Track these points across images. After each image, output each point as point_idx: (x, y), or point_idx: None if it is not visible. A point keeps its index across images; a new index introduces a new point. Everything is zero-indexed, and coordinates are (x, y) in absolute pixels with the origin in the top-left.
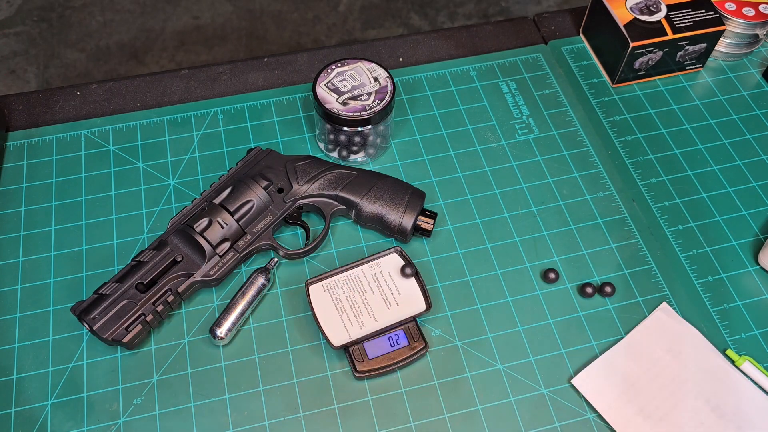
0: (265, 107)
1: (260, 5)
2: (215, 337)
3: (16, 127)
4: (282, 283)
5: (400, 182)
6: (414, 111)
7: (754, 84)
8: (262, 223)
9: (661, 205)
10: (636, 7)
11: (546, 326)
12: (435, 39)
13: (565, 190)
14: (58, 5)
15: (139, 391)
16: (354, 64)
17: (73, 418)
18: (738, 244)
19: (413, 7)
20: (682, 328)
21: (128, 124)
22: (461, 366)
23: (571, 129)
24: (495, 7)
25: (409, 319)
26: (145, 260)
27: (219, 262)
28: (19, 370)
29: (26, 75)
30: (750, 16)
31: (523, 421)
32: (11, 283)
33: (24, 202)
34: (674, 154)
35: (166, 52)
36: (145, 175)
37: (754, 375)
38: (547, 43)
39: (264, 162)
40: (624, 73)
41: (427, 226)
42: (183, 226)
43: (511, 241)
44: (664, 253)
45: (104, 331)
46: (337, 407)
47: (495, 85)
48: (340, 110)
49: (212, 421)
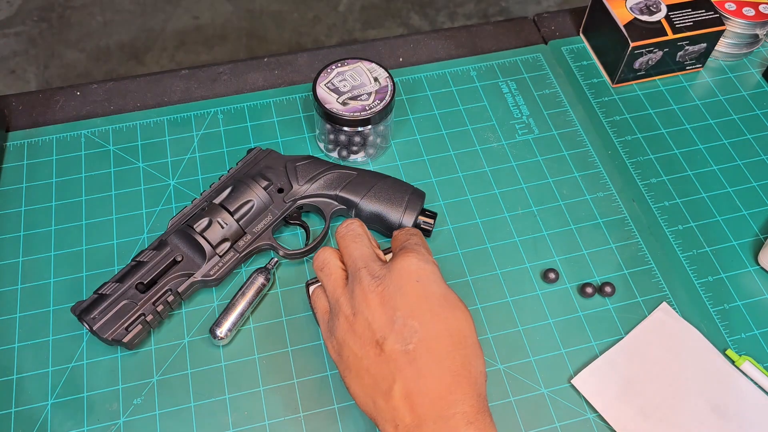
0: (265, 107)
1: (260, 5)
2: (215, 337)
3: (16, 127)
4: (282, 283)
5: (400, 182)
6: (414, 111)
7: (754, 84)
8: (262, 223)
9: (661, 205)
10: (636, 7)
11: (546, 326)
12: (435, 39)
13: (565, 190)
14: (58, 5)
15: (139, 391)
16: (354, 64)
17: (73, 418)
18: (738, 244)
19: (413, 7)
20: (682, 328)
21: (128, 124)
22: None
23: (571, 129)
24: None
25: None
26: (145, 260)
27: (219, 262)
28: (19, 370)
29: (26, 75)
30: (750, 16)
31: (523, 421)
32: (11, 283)
33: (24, 202)
34: (674, 154)
35: (166, 52)
36: (145, 175)
37: (754, 375)
38: (547, 43)
39: (264, 162)
40: (624, 73)
41: (427, 226)
42: (183, 226)
43: (511, 241)
44: (664, 253)
45: (104, 331)
46: (337, 407)
47: (495, 85)
48: (340, 110)
49: (212, 421)
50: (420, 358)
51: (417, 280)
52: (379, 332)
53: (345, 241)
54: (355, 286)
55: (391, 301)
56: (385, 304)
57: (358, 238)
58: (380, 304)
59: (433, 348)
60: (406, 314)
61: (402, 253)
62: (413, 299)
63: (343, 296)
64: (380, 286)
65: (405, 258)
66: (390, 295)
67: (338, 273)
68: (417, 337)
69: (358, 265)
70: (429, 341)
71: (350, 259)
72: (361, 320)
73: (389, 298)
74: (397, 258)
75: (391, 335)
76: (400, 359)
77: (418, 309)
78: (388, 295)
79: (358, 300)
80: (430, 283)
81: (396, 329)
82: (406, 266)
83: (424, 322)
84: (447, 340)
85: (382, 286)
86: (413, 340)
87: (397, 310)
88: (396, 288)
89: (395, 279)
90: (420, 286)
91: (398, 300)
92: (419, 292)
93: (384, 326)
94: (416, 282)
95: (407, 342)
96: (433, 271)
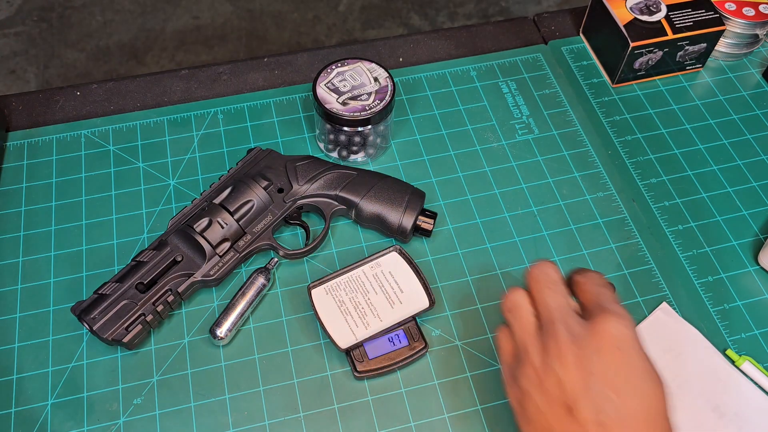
0: (265, 107)
1: (260, 5)
2: (215, 337)
3: (16, 127)
4: (282, 283)
5: (400, 182)
6: (414, 111)
7: (754, 84)
8: (262, 223)
9: (661, 205)
10: (636, 7)
11: None
12: (435, 39)
13: (565, 190)
14: (58, 5)
15: (139, 391)
16: (354, 64)
17: (73, 418)
18: (738, 244)
19: (413, 7)
20: (682, 328)
21: (128, 124)
22: (461, 366)
23: (571, 129)
24: (495, 7)
25: (411, 318)
26: (145, 260)
27: (219, 262)
28: (19, 370)
29: (26, 75)
30: (750, 16)
31: None
32: (11, 283)
33: (24, 202)
34: (674, 154)
35: (166, 52)
36: (145, 175)
37: (754, 375)
38: (547, 43)
39: (264, 162)
40: (624, 73)
41: (427, 226)
42: (183, 226)
43: (511, 241)
44: (664, 253)
45: (104, 331)
46: (337, 407)
47: (495, 85)
48: (340, 110)
49: (212, 421)
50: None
51: (618, 348)
52: (570, 394)
53: (539, 286)
54: (549, 340)
55: (588, 365)
56: (581, 367)
57: (554, 286)
58: (575, 365)
59: (628, 425)
60: (603, 382)
61: (603, 314)
62: (612, 368)
63: (533, 346)
64: (578, 346)
65: (607, 321)
66: (587, 358)
67: (529, 319)
68: (612, 410)
69: (554, 317)
70: (624, 417)
71: (545, 309)
72: (552, 377)
73: (586, 361)
74: (597, 318)
75: (584, 401)
76: (591, 428)
77: (616, 379)
78: (585, 357)
79: (551, 354)
80: (631, 353)
81: (590, 396)
82: (608, 330)
83: (622, 394)
84: (643, 417)
85: (581, 347)
86: (608, 411)
87: (593, 376)
88: (594, 351)
89: (595, 342)
90: (621, 355)
91: (596, 365)
92: (619, 361)
93: (577, 390)
94: (617, 349)
95: (600, 412)
96: (634, 338)
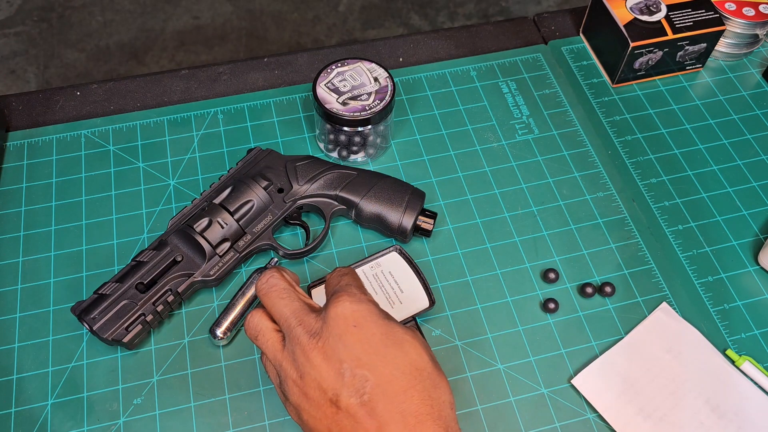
0: (265, 107)
1: (260, 5)
2: (215, 337)
3: (16, 127)
4: None
5: (400, 182)
6: (414, 111)
7: (754, 84)
8: (262, 223)
9: (661, 205)
10: (636, 7)
11: (546, 326)
12: (435, 39)
13: (565, 190)
14: (58, 5)
15: (139, 391)
16: (354, 64)
17: (73, 418)
18: (738, 244)
19: (413, 7)
20: (682, 328)
21: (128, 124)
22: (461, 366)
23: (571, 129)
24: (495, 7)
25: (411, 318)
26: (145, 260)
27: (219, 262)
28: (19, 370)
29: (26, 75)
30: (750, 16)
31: (523, 421)
32: (11, 283)
33: (24, 202)
34: (674, 154)
35: (166, 52)
36: (145, 175)
37: (754, 375)
38: (547, 43)
39: (264, 162)
40: (624, 73)
41: (427, 226)
42: (183, 226)
43: (511, 241)
44: (664, 253)
45: (104, 331)
46: None
47: (495, 85)
48: (340, 110)
49: (212, 421)
50: (378, 407)
51: (354, 325)
52: (330, 390)
53: (270, 298)
54: (295, 348)
55: (334, 355)
56: (329, 359)
57: (284, 293)
58: (324, 360)
59: (389, 392)
60: (353, 364)
61: (333, 298)
62: (356, 346)
63: (286, 360)
64: (320, 341)
65: (337, 304)
66: (332, 348)
67: (274, 337)
68: (369, 386)
69: (291, 324)
70: (383, 386)
71: (282, 318)
72: (310, 382)
73: (332, 351)
74: (329, 305)
75: (344, 390)
76: (359, 413)
77: (363, 355)
78: (329, 348)
79: (300, 361)
80: (368, 324)
81: (346, 382)
82: (341, 312)
83: (373, 367)
84: (401, 379)
85: (322, 341)
86: (366, 389)
87: (343, 362)
88: (336, 339)
89: (333, 329)
90: (359, 331)
91: (341, 351)
92: (360, 337)
93: (334, 382)
94: (354, 327)
95: (361, 393)
96: (368, 309)
